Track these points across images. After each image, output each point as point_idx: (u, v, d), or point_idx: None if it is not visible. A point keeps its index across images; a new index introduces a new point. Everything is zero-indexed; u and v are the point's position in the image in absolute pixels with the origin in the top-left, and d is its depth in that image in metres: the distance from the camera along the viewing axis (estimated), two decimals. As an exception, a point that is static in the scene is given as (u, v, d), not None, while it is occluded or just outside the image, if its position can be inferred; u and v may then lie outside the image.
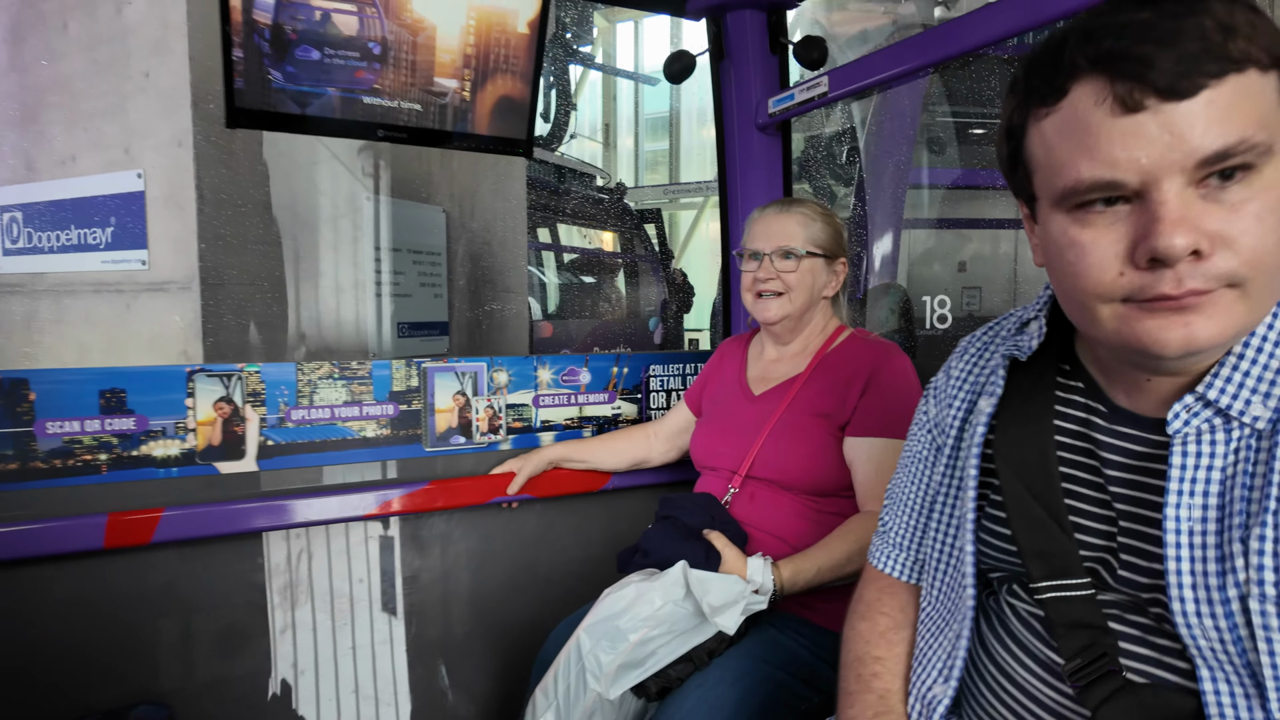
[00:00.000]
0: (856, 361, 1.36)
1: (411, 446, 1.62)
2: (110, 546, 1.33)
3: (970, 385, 0.80)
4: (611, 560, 1.77)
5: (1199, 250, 0.53)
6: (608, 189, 8.61)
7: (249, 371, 1.48)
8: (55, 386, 1.35)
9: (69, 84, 2.89)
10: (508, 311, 4.63)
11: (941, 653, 0.77)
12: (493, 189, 4.55)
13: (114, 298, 2.94)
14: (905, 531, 0.87)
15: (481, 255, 4.44)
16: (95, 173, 2.88)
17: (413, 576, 1.63)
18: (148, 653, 1.42)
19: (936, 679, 0.76)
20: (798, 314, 1.42)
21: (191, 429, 1.45)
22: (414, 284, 3.88)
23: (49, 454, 1.35)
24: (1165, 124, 0.53)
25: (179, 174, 2.72)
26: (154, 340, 2.85)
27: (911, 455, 0.87)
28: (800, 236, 1.40)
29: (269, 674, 1.51)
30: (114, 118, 2.86)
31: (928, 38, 1.37)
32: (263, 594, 1.51)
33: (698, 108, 13.76)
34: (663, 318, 8.22)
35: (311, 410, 1.53)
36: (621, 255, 8.21)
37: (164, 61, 2.71)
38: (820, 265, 1.41)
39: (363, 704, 1.59)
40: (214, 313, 2.77)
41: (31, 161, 2.91)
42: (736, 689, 1.15)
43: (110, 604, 1.38)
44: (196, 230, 2.68)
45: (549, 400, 1.75)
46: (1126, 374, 0.66)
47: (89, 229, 2.90)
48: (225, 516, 1.43)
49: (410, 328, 3.84)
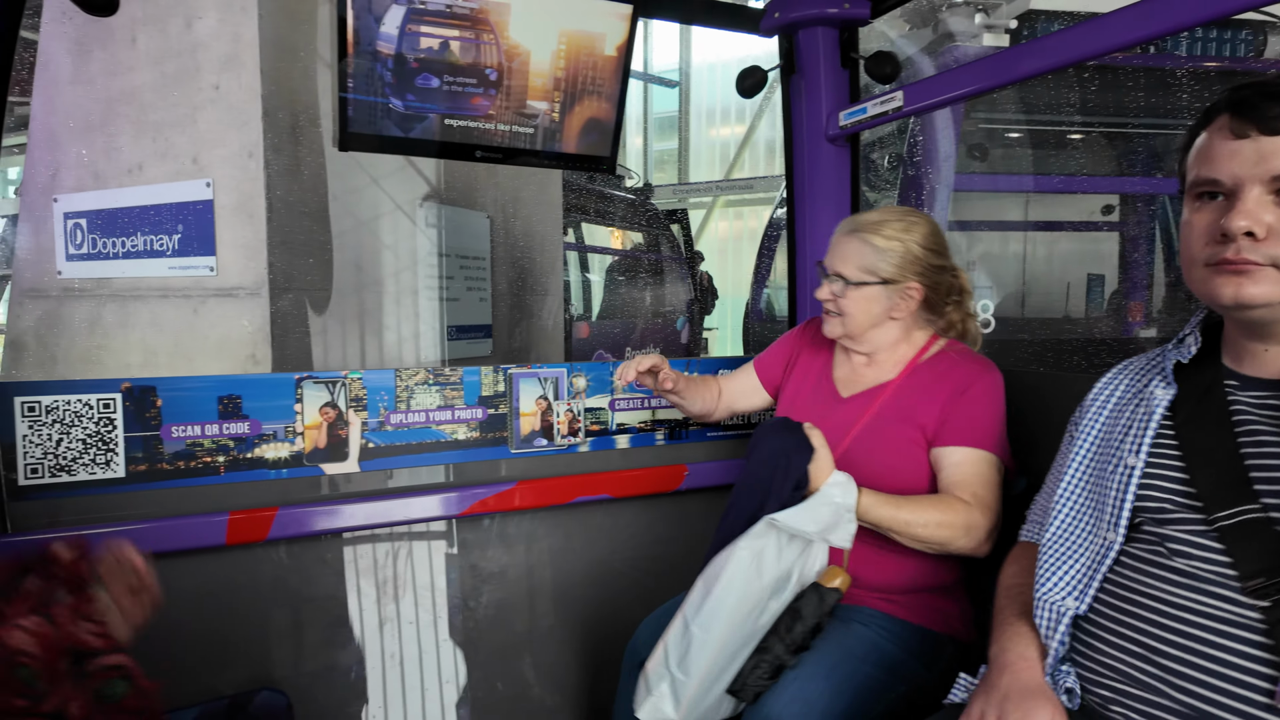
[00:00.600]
0: (950, 376, 1.38)
1: (498, 448, 1.70)
2: (231, 543, 1.42)
3: (1121, 394, 1.03)
4: (685, 557, 1.85)
5: (1253, 233, 0.79)
6: (635, 189, 8.67)
7: (352, 378, 1.57)
8: (179, 393, 1.45)
9: (137, 96, 2.98)
10: (545, 313, 4.72)
11: (1074, 575, 0.96)
12: (533, 194, 4.63)
13: (181, 303, 3.03)
14: (1040, 509, 1.15)
15: (521, 259, 4.53)
16: (162, 181, 2.98)
17: (500, 572, 1.71)
18: (263, 642, 1.51)
19: (1068, 595, 0.95)
20: (856, 334, 1.43)
21: (299, 432, 1.53)
22: (461, 288, 3.98)
23: (174, 456, 1.45)
24: (1258, 149, 0.80)
25: (249, 183, 2.82)
26: (222, 344, 2.94)
27: (1060, 456, 1.11)
28: (853, 264, 1.38)
29: (370, 664, 1.60)
30: (183, 129, 2.95)
31: (1002, 59, 1.42)
32: (364, 588, 1.59)
33: (706, 108, 13.79)
34: (690, 318, 8.28)
35: (408, 414, 1.62)
36: (653, 255, 8.26)
37: (235, 75, 2.81)
38: (878, 292, 1.38)
39: (452, 693, 1.67)
40: (281, 318, 2.87)
41: (98, 170, 3.00)
42: (829, 682, 1.21)
43: (230, 596, 1.47)
44: (266, 238, 2.77)
45: (624, 404, 1.83)
46: (1245, 346, 0.88)
47: (156, 235, 3.00)
48: (331, 515, 1.51)
49: (458, 330, 3.94)
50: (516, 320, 4.48)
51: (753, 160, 13.35)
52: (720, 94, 13.58)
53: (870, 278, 1.38)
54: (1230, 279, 0.82)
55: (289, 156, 2.85)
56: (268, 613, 1.52)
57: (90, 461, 1.39)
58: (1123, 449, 0.95)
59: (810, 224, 1.89)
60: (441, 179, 3.71)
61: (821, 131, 1.81)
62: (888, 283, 1.38)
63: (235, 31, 2.84)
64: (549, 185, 4.53)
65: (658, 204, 8.82)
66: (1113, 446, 0.97)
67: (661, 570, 1.84)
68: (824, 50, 1.76)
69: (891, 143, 3.35)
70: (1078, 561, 0.96)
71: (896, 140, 3.22)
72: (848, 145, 1.84)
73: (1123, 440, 0.96)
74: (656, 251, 8.68)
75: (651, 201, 8.88)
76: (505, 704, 1.72)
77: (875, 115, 1.66)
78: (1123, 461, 0.94)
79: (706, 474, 1.78)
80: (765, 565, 1.21)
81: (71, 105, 2.89)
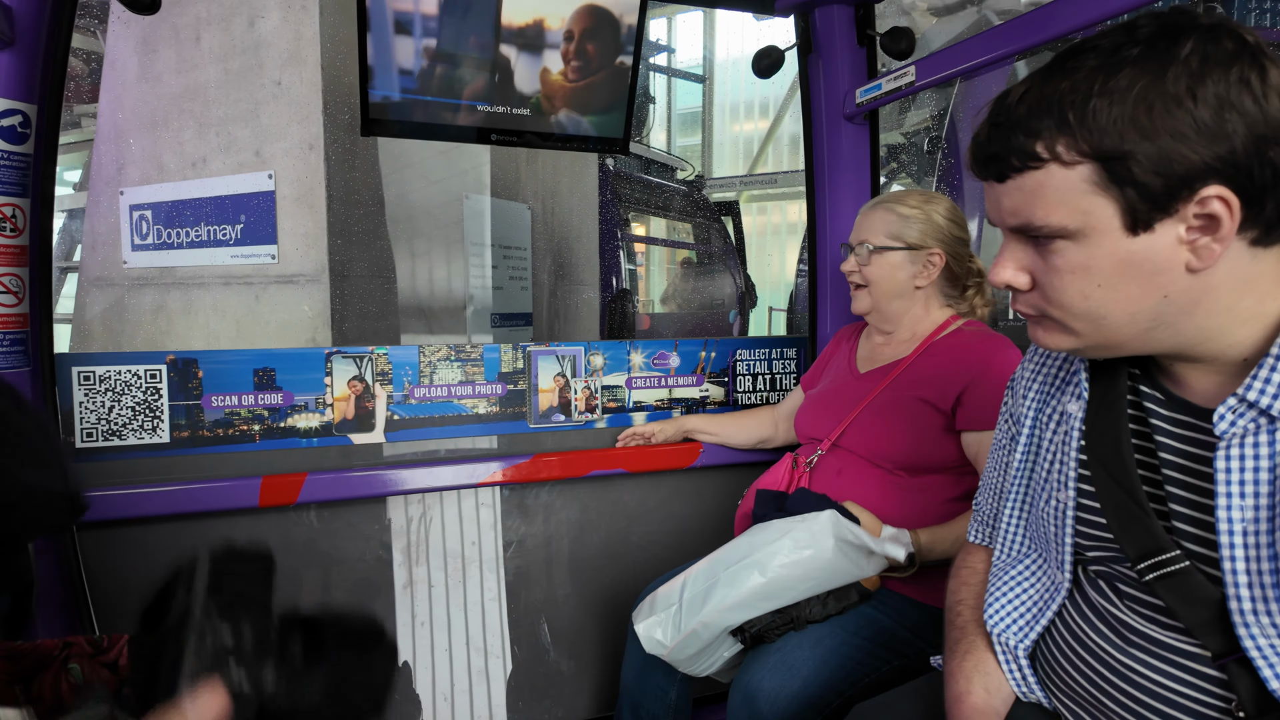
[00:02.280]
0: (965, 355, 1.38)
1: (517, 423, 1.76)
2: (264, 505, 1.52)
3: (1041, 383, 0.87)
4: (699, 531, 1.88)
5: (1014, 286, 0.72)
6: (687, 181, 8.67)
7: (378, 353, 1.65)
8: (218, 366, 1.56)
9: (201, 92, 3.14)
10: (580, 302, 4.78)
11: (1021, 607, 0.85)
12: (570, 186, 4.70)
13: (243, 289, 3.19)
14: (987, 508, 0.99)
15: (560, 249, 4.61)
16: (226, 174, 3.14)
17: (518, 541, 1.77)
18: (292, 600, 1.60)
19: (1010, 629, 0.85)
20: (882, 306, 1.47)
21: (329, 404, 1.63)
22: (504, 277, 4.08)
23: (213, 424, 1.56)
24: (994, 196, 0.70)
25: (310, 175, 2.94)
26: (283, 328, 3.09)
27: (995, 443, 0.97)
28: (879, 231, 1.44)
29: (395, 624, 1.68)
30: (245, 123, 3.09)
31: (1012, 27, 1.39)
32: (389, 552, 1.68)
33: (729, 103, 13.69)
34: (740, 311, 8.26)
35: (431, 388, 1.70)
36: (712, 247, 8.28)
37: (297, 71, 2.93)
38: (902, 258, 1.42)
39: (474, 655, 1.74)
40: (340, 302, 3.00)
41: (163, 164, 3.17)
42: (816, 652, 1.22)
43: (264, 555, 1.58)
44: (327, 227, 2.90)
45: (641, 382, 1.87)
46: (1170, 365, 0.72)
47: (219, 226, 3.14)
48: (357, 482, 1.60)
49: (501, 318, 4.04)
50: (555, 309, 4.56)
51: (776, 155, 13.24)
52: (744, 89, 13.54)
53: (895, 243, 1.43)
54: (1034, 329, 0.73)
55: (347, 149, 2.97)
56: (299, 573, 1.62)
57: (139, 427, 1.50)
58: (1053, 478, 0.81)
59: (830, 204, 1.89)
60: (488, 171, 3.80)
61: (839, 110, 1.81)
62: (911, 248, 1.43)
63: (297, 29, 2.97)
64: (585, 177, 4.61)
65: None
66: (1043, 470, 0.84)
67: (676, 544, 1.87)
68: (840, 28, 1.76)
69: (932, 128, 3.27)
70: (1025, 593, 0.86)
71: (936, 125, 3.15)
72: (866, 124, 1.83)
73: (1050, 468, 0.82)
74: (707, 243, 8.69)
75: (703, 193, 8.87)
76: (523, 667, 1.78)
77: (890, 91, 1.65)
78: (1053, 496, 0.81)
79: (721, 451, 1.81)
80: (819, 555, 1.21)
81: (137, 102, 3.06)
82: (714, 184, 12.94)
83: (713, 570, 1.24)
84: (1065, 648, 0.80)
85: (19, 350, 1.33)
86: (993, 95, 0.76)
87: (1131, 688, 0.72)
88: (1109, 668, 0.74)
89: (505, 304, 4.09)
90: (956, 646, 0.91)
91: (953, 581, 1.00)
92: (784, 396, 1.97)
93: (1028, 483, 0.88)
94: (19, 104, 1.29)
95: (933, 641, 1.30)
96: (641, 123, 7.11)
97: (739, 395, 1.95)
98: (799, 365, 2.00)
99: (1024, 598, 0.85)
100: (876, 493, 1.38)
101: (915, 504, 1.37)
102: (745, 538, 1.27)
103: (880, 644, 1.27)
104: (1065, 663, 0.80)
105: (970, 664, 0.88)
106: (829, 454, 1.45)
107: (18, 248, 1.32)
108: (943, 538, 1.30)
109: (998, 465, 0.96)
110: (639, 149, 7.24)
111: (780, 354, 1.99)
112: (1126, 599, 0.74)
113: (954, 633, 0.93)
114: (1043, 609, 0.83)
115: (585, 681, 1.83)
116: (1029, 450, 0.87)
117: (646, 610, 1.26)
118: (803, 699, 1.17)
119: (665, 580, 1.49)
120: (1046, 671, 0.84)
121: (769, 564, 1.20)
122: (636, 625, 1.26)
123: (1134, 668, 0.72)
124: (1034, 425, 0.87)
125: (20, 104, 1.29)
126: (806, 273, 1.99)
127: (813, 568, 1.21)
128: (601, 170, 6.57)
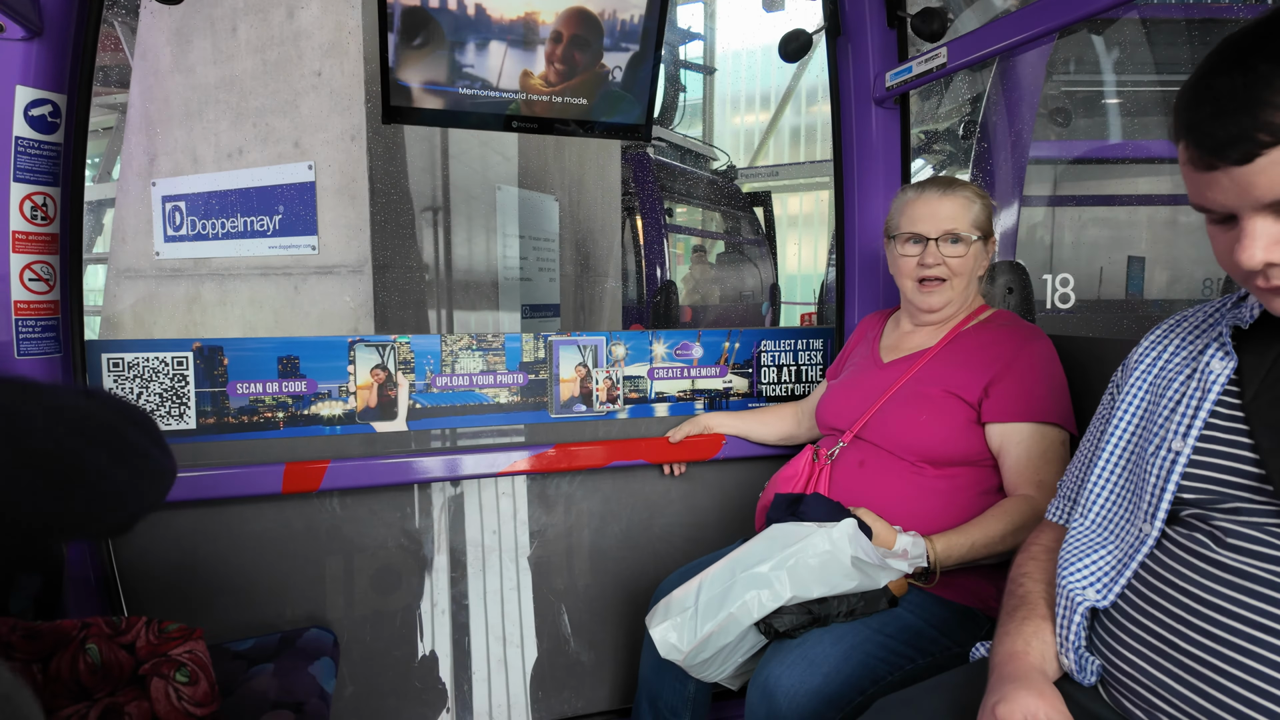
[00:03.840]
0: (995, 344, 1.35)
1: (538, 413, 1.75)
2: (287, 491, 1.54)
3: (1176, 339, 0.92)
4: (720, 524, 1.86)
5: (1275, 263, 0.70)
6: (719, 171, 8.59)
7: (400, 342, 1.66)
8: (243, 353, 1.57)
9: (238, 83, 3.13)
10: (604, 294, 4.76)
11: (1100, 567, 0.87)
12: (595, 178, 4.67)
13: (282, 280, 3.20)
14: (1071, 485, 1.05)
15: (584, 240, 4.59)
16: (264, 165, 3.14)
17: (539, 531, 1.77)
18: (318, 584, 1.63)
19: (1089, 587, 0.87)
20: (959, 299, 1.42)
21: (352, 392, 1.64)
22: (534, 268, 4.08)
23: (238, 411, 1.57)
24: (1233, 181, 0.68)
25: (352, 166, 2.93)
26: (324, 319, 3.07)
27: (1095, 418, 1.03)
28: (965, 220, 1.38)
29: (416, 610, 1.69)
30: (284, 114, 3.07)
31: (1046, 4, 1.34)
32: (411, 539, 1.69)
33: (730, 95, 13.55)
34: (771, 302, 8.18)
35: (453, 378, 1.69)
36: (747, 239, 8.23)
37: (338, 62, 2.92)
38: (980, 247, 1.41)
39: (493, 643, 1.75)
40: (384, 293, 3.00)
41: (197, 155, 3.19)
42: (838, 648, 1.19)
43: (288, 541, 1.60)
44: (369, 218, 2.90)
45: (663, 373, 1.84)
46: None
47: (256, 217, 3.15)
48: (380, 470, 1.61)
49: (532, 309, 4.05)
50: (580, 301, 4.55)
51: (777, 147, 13.09)
52: (745, 82, 13.39)
53: (977, 232, 1.40)
54: None
55: (388, 140, 2.97)
56: (322, 558, 1.64)
57: (166, 414, 1.53)
58: (1168, 428, 0.84)
59: (860, 191, 1.84)
60: (517, 161, 3.79)
61: (869, 94, 1.76)
62: (986, 237, 1.42)
63: (338, 20, 2.96)
64: (609, 169, 4.56)
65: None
66: (1156, 424, 0.86)
67: (697, 536, 1.85)
68: (869, 9, 1.71)
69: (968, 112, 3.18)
70: (1109, 553, 0.88)
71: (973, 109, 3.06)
72: (897, 108, 1.78)
73: (1169, 417, 0.85)
74: (738, 233, 8.62)
75: (735, 183, 8.79)
76: (544, 658, 1.78)
77: (921, 74, 1.59)
78: (1167, 444, 0.83)
79: (745, 444, 1.78)
80: (837, 560, 1.18)
81: (170, 92, 3.04)
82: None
83: (730, 572, 1.22)
84: (1145, 600, 0.82)
85: (50, 337, 1.36)
86: (1033, 76, 0.75)
87: (1218, 627, 0.74)
88: (1202, 603, 0.76)
89: (534, 295, 4.09)
90: (1015, 613, 0.93)
91: (1020, 555, 1.04)
92: (810, 389, 1.93)
93: (1131, 438, 0.91)
94: (49, 94, 1.31)
95: (961, 640, 1.26)
96: (672, 112, 7.04)
97: (763, 387, 1.92)
98: (825, 357, 1.96)
99: (1108, 557, 0.88)
100: (899, 486, 1.34)
101: (940, 499, 1.33)
102: (762, 540, 1.24)
103: (905, 641, 1.23)
104: (1142, 616, 0.81)
105: (1030, 628, 0.90)
106: (850, 446, 1.41)
107: (49, 236, 1.35)
108: (955, 544, 1.26)
109: (1091, 438, 1.01)
110: (673, 137, 7.17)
111: (806, 345, 1.95)
112: (1226, 543, 0.76)
113: (1013, 600, 0.96)
114: (1126, 563, 0.84)
115: (605, 673, 1.83)
116: (1143, 404, 0.91)
117: (661, 614, 1.23)
118: (823, 695, 1.15)
119: (677, 581, 1.48)
120: (1115, 632, 0.84)
121: (786, 568, 1.18)
122: (651, 630, 1.23)
123: (1225, 607, 0.74)
124: (1157, 378, 0.90)
125: (50, 94, 1.31)
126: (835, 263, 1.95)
127: (828, 574, 1.18)
128: (641, 159, 6.53)
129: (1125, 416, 0.92)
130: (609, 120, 1.65)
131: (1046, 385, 1.32)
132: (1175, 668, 0.76)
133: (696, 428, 1.77)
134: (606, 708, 1.83)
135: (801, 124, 13.15)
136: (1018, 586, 0.97)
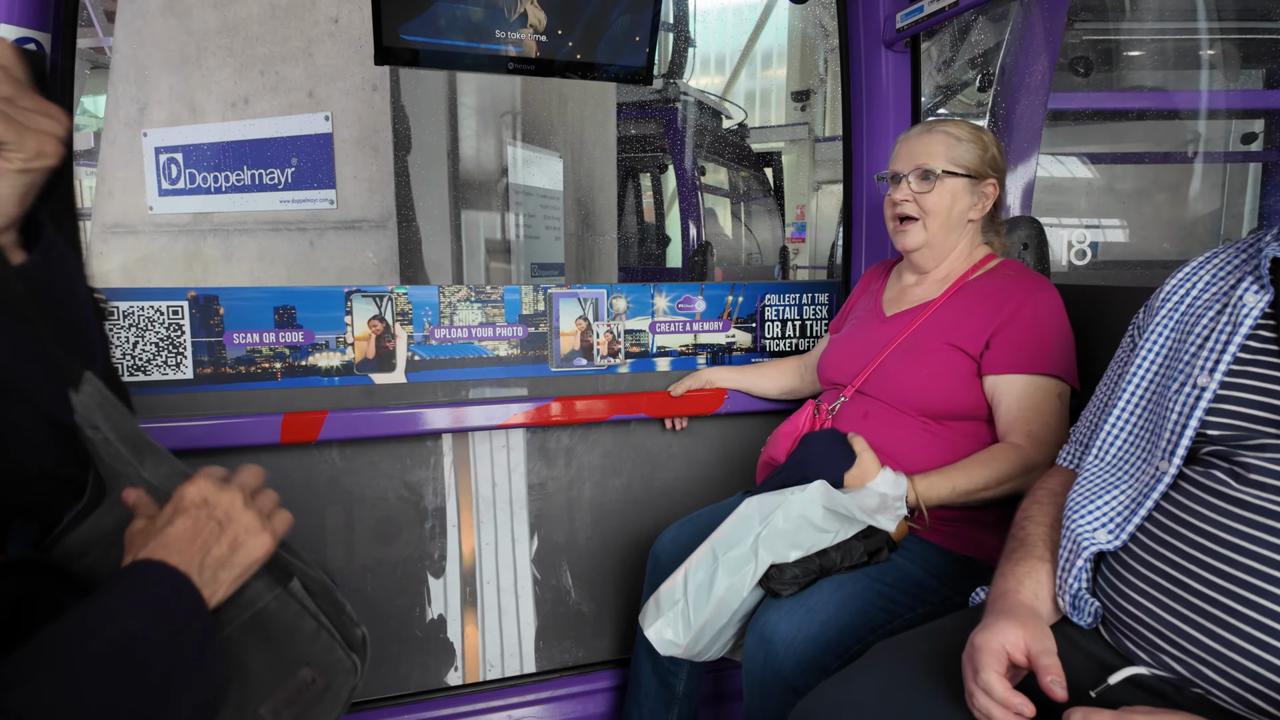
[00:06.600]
0: (1000, 294, 1.31)
1: (539, 366, 1.74)
2: (285, 441, 1.53)
3: (1209, 273, 0.89)
4: (722, 479, 1.85)
5: None
6: (731, 129, 8.42)
7: (398, 293, 1.63)
8: (239, 303, 1.55)
9: (242, 28, 2.91)
10: (601, 251, 4.67)
11: (1112, 508, 0.86)
12: (594, 134, 4.54)
13: (295, 236, 3.04)
14: (1085, 429, 1.03)
15: (584, 198, 4.50)
16: (271, 115, 2.98)
17: (540, 484, 1.76)
18: (317, 535, 1.63)
19: (1100, 528, 0.85)
20: (938, 240, 1.37)
21: (350, 343, 1.62)
22: (540, 227, 4.02)
23: (235, 361, 1.56)
24: None
25: (374, 117, 2.79)
26: (343, 275, 2.91)
27: (1114, 360, 1.00)
28: (940, 155, 1.34)
29: (418, 561, 1.70)
30: (296, 62, 2.85)
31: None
32: (411, 491, 1.69)
33: (715, 55, 13.27)
34: (782, 263, 8.10)
35: (452, 330, 1.67)
36: (763, 199, 8.12)
37: (356, 7, 2.76)
38: (962, 186, 1.35)
39: (493, 594, 1.75)
40: (409, 248, 2.91)
41: (195, 104, 2.98)
42: (836, 595, 1.18)
43: (286, 492, 1.57)
44: (393, 171, 2.79)
45: (665, 327, 1.82)
46: None
47: (266, 169, 2.99)
48: (379, 421, 1.60)
49: (539, 268, 4.00)
50: (580, 259, 4.48)
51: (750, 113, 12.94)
52: (714, 43, 13.12)
53: (958, 169, 1.34)
54: None
55: (415, 91, 2.84)
56: (323, 510, 1.64)
57: (162, 363, 1.52)
58: (1194, 364, 0.81)
59: (869, 136, 1.79)
60: (522, 115, 3.68)
61: (879, 36, 1.70)
62: (971, 176, 1.35)
63: None
64: (604, 127, 4.43)
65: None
66: (1182, 360, 0.84)
67: (698, 489, 1.84)
68: (881, -55, 1.64)
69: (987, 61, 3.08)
70: (1122, 493, 0.86)
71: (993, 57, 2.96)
72: (907, 51, 1.71)
73: (1196, 353, 0.82)
74: (750, 193, 8.51)
75: (746, 142, 8.62)
76: (544, 607, 1.79)
77: (933, 13, 1.53)
78: (1192, 380, 0.80)
79: (746, 399, 1.76)
80: (810, 522, 1.18)
81: (162, 37, 2.83)
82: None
83: (713, 555, 1.21)
84: (1156, 541, 0.80)
85: (42, 284, 1.34)
86: (1053, 23, 0.71)
87: (1231, 565, 0.72)
88: (1218, 540, 0.74)
89: (540, 253, 4.04)
90: (1013, 554, 0.93)
91: (1025, 499, 1.03)
92: (814, 344, 1.90)
93: (1153, 378, 0.89)
94: (32, 32, 1.27)
95: (959, 589, 1.25)
96: (681, 66, 6.87)
97: (766, 342, 1.89)
98: (831, 311, 1.93)
99: (1120, 498, 0.86)
100: (902, 441, 1.32)
101: (943, 453, 1.30)
102: (738, 518, 1.22)
103: (903, 590, 1.22)
104: (1152, 557, 0.80)
105: (1024, 569, 0.90)
106: (852, 400, 1.39)
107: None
108: (936, 485, 1.24)
109: (1108, 381, 1.00)
110: (688, 90, 7.00)
111: (811, 299, 1.92)
112: (1248, 479, 0.74)
113: (1013, 543, 0.96)
114: (1140, 503, 0.83)
115: (605, 624, 1.84)
116: (1168, 343, 0.89)
117: (653, 612, 1.22)
118: (820, 642, 1.14)
119: (675, 533, 1.47)
120: (1121, 573, 0.83)
121: (763, 545, 1.18)
122: (646, 630, 1.22)
123: (1241, 545, 0.72)
124: (1184, 315, 0.88)
125: (33, 32, 1.28)
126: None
127: (802, 536, 1.18)
128: (672, 113, 6.35)
129: (1148, 357, 0.90)
130: (611, 64, 1.60)
131: (1049, 337, 1.28)
132: (1182, 607, 0.75)
133: (698, 382, 1.74)
134: (607, 657, 1.84)
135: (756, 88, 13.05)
136: (1019, 530, 0.97)
